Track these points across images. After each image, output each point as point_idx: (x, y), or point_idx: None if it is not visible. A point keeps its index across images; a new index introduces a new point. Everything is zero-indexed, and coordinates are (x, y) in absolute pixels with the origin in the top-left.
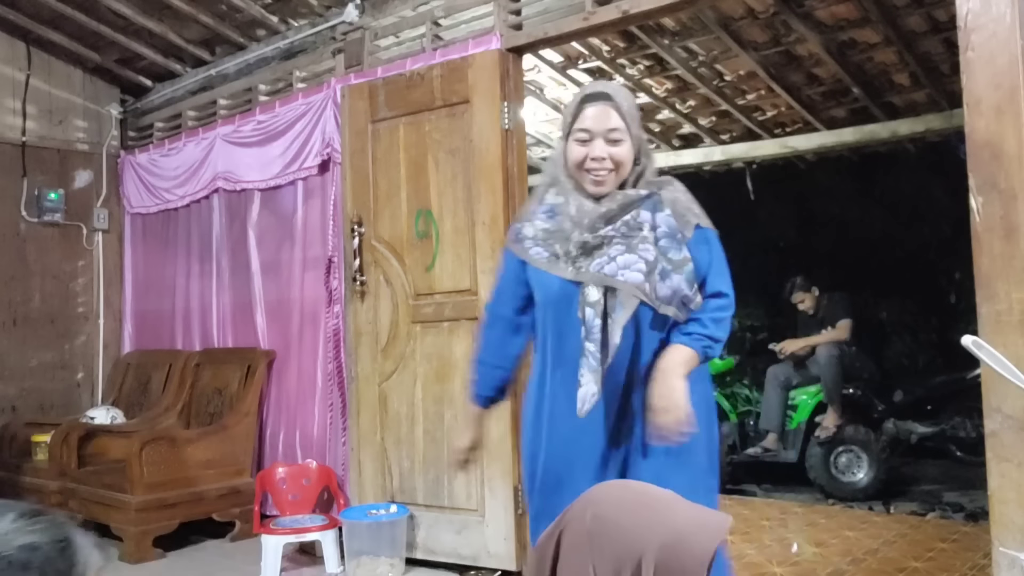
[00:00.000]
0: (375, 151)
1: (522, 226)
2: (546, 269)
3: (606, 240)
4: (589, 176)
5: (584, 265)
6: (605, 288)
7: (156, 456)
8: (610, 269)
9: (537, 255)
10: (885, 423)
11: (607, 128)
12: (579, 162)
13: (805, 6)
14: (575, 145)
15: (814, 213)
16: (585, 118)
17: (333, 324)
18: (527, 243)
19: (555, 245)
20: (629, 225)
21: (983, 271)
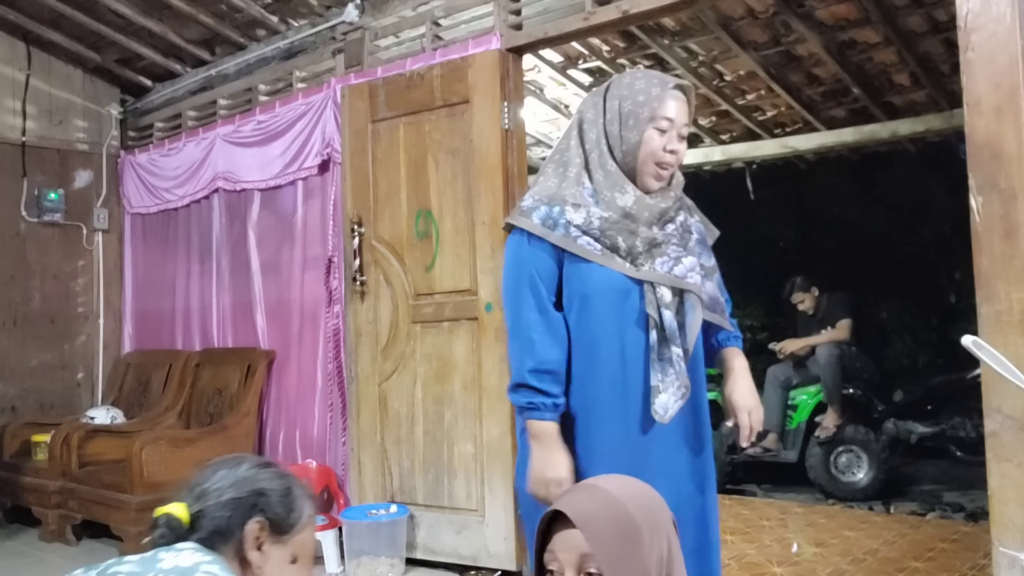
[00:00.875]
0: (375, 151)
1: (560, 209)
2: (601, 263)
3: (667, 240)
4: (657, 169)
5: (647, 264)
6: (672, 290)
7: (156, 456)
8: (679, 271)
9: (589, 246)
10: (885, 423)
11: (684, 123)
12: (654, 152)
13: (805, 6)
14: (654, 133)
15: (814, 213)
16: (670, 108)
17: (333, 324)
18: (572, 231)
19: (617, 237)
20: (683, 227)
21: (983, 271)
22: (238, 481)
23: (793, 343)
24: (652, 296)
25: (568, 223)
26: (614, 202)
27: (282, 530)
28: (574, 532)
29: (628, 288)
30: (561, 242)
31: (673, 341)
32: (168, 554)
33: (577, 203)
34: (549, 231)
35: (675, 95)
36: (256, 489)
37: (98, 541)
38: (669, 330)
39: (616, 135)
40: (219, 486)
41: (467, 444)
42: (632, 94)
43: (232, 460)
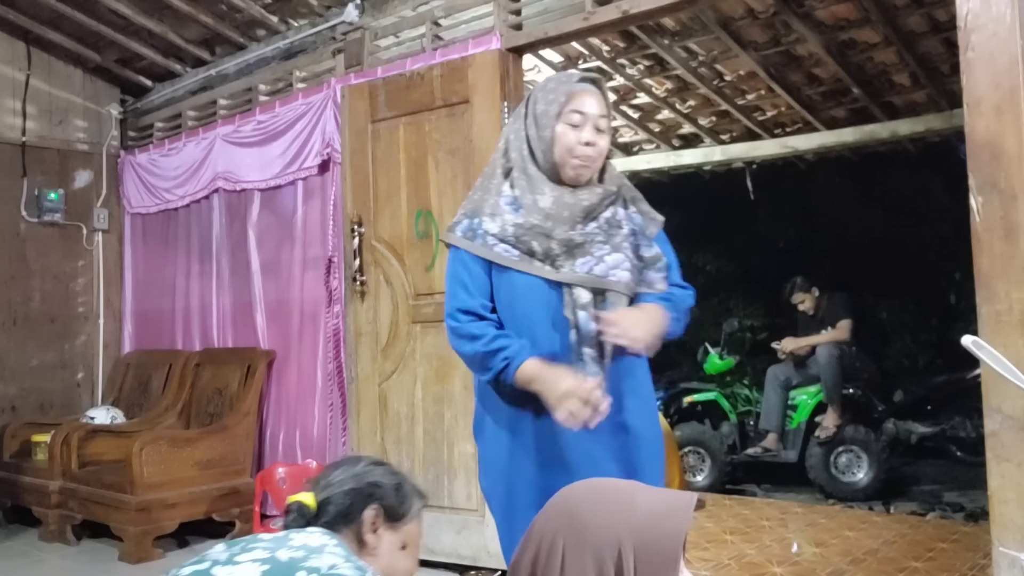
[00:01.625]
0: (375, 151)
1: (479, 220)
2: (520, 268)
3: (589, 239)
4: (575, 162)
5: (567, 265)
6: (594, 289)
7: (156, 456)
8: (600, 270)
9: (506, 252)
10: (885, 423)
11: (599, 114)
12: (570, 147)
13: (805, 6)
14: (566, 128)
15: (814, 213)
16: (579, 101)
17: (333, 324)
18: (489, 240)
19: (531, 242)
20: (610, 223)
21: (983, 271)
22: (356, 475)
23: (794, 341)
24: (569, 298)
25: (485, 232)
26: (535, 205)
27: (394, 518)
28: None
29: (548, 291)
30: (480, 251)
31: (585, 342)
32: (298, 535)
33: (493, 213)
34: (470, 242)
35: (584, 88)
36: (372, 482)
37: (98, 541)
38: (583, 331)
39: (535, 137)
40: (340, 479)
41: (467, 444)
42: (544, 95)
43: (351, 459)
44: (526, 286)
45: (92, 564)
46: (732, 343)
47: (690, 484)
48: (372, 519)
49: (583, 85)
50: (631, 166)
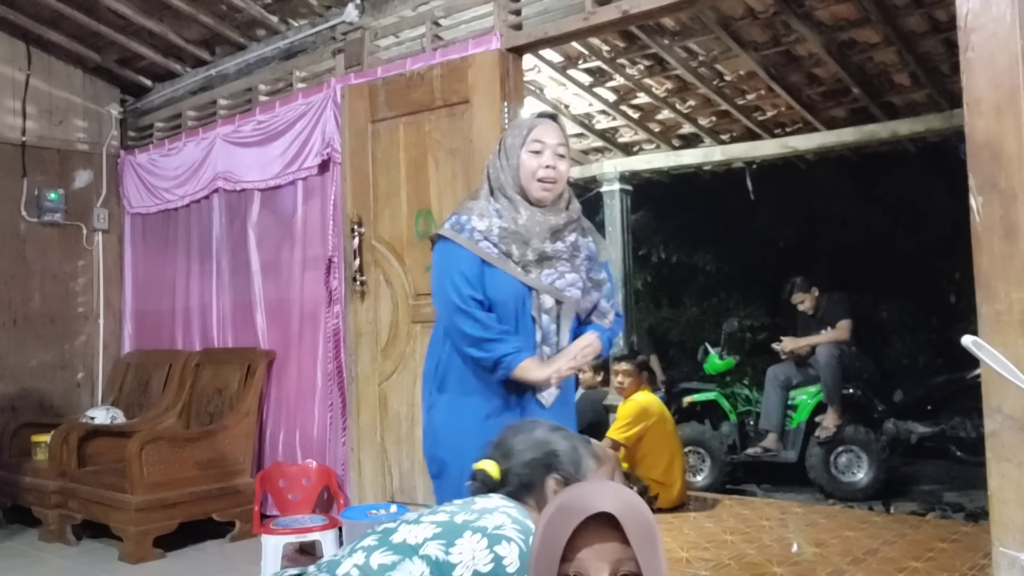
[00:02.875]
0: (375, 151)
1: (468, 218)
2: (495, 264)
3: (556, 256)
4: (539, 184)
5: (535, 272)
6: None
7: (156, 456)
8: (560, 284)
9: (488, 249)
10: (885, 423)
11: (557, 142)
12: (533, 171)
13: (805, 6)
14: (529, 156)
15: (814, 213)
16: (539, 132)
17: (333, 324)
18: (476, 235)
19: (511, 246)
20: (574, 246)
21: (983, 271)
22: (536, 443)
23: (794, 341)
24: (537, 301)
25: (473, 228)
26: (514, 221)
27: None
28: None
29: (523, 292)
30: (465, 243)
31: (547, 341)
32: (480, 500)
33: (483, 214)
34: (457, 234)
35: (543, 122)
36: (551, 451)
37: (98, 541)
38: (546, 331)
39: (506, 166)
40: (521, 448)
41: None
42: (511, 130)
43: (528, 424)
44: (507, 283)
45: (92, 564)
46: (732, 343)
47: (690, 484)
48: (554, 488)
49: (542, 120)
50: (631, 166)
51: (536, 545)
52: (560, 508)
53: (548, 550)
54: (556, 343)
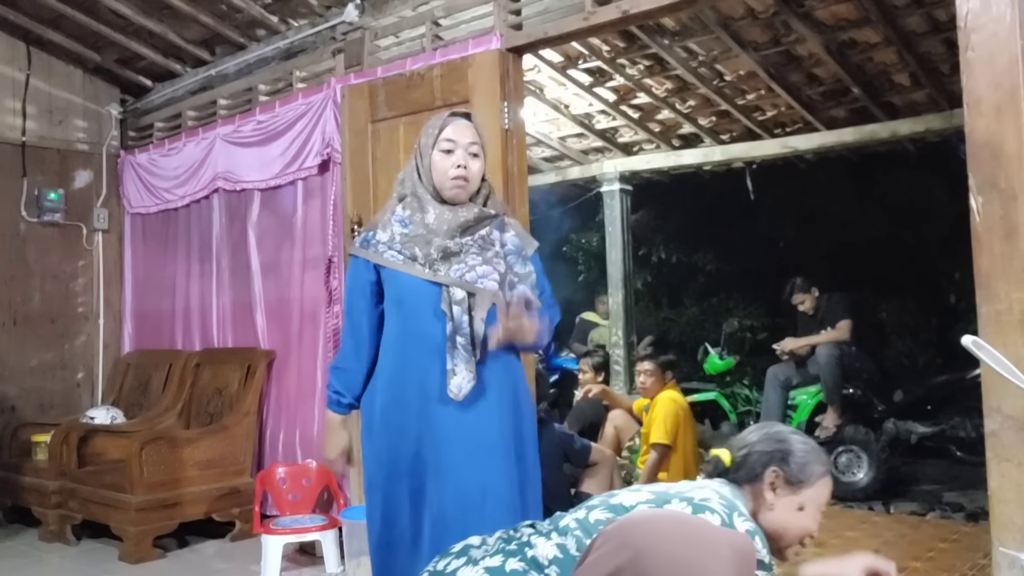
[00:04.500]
0: (375, 151)
1: (373, 233)
2: (402, 270)
3: (464, 249)
4: (451, 183)
5: (443, 269)
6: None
7: (156, 456)
8: (471, 277)
9: (392, 258)
10: (885, 423)
11: (468, 141)
12: (444, 170)
13: (805, 6)
14: (440, 155)
15: (814, 213)
16: (450, 131)
17: (333, 324)
18: (380, 247)
19: (414, 249)
20: (485, 240)
21: (983, 271)
22: (770, 436)
23: (794, 341)
24: (446, 295)
25: (377, 242)
26: (422, 220)
27: (794, 481)
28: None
29: (429, 290)
30: (372, 256)
31: (459, 332)
32: (702, 480)
33: (384, 226)
34: (364, 250)
35: (455, 121)
36: (782, 448)
37: (98, 541)
38: (457, 322)
39: (421, 166)
40: (755, 439)
41: None
42: (424, 130)
43: (768, 424)
44: (411, 284)
45: (92, 564)
46: (732, 343)
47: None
48: (771, 479)
49: (454, 119)
50: (631, 166)
51: None
52: None
53: None
54: (469, 333)
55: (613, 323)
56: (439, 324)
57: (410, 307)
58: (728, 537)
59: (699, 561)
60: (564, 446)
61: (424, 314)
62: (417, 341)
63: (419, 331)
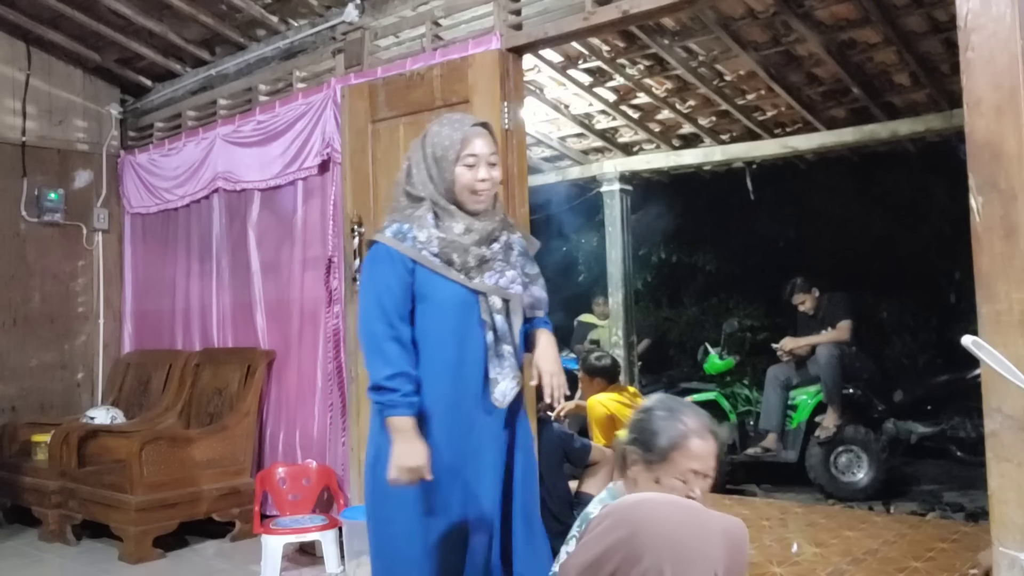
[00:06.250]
0: (375, 151)
1: (410, 227)
2: (442, 273)
3: (493, 257)
4: (475, 196)
5: (478, 277)
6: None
7: (156, 456)
8: (503, 282)
9: (431, 258)
10: (885, 423)
11: (489, 152)
12: (468, 184)
13: (805, 6)
14: (464, 169)
15: (814, 213)
16: (474, 145)
17: (333, 324)
18: (418, 245)
19: (452, 255)
20: (506, 246)
21: (983, 271)
22: (634, 417)
23: (794, 341)
24: (486, 304)
25: (415, 238)
26: (451, 230)
27: (646, 460)
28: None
29: (466, 297)
30: (409, 252)
31: (505, 340)
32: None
33: (422, 225)
34: (399, 243)
35: (475, 132)
36: (637, 428)
37: (98, 541)
38: (501, 331)
39: (438, 178)
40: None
41: None
42: (439, 141)
43: (649, 400)
44: (447, 290)
45: (92, 564)
46: (732, 343)
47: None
48: (632, 460)
49: (475, 129)
50: (631, 166)
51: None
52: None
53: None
54: (511, 340)
55: (613, 323)
56: (479, 332)
57: (450, 313)
58: (720, 521)
59: (691, 541)
60: (564, 446)
61: (464, 322)
62: (458, 348)
63: (460, 338)
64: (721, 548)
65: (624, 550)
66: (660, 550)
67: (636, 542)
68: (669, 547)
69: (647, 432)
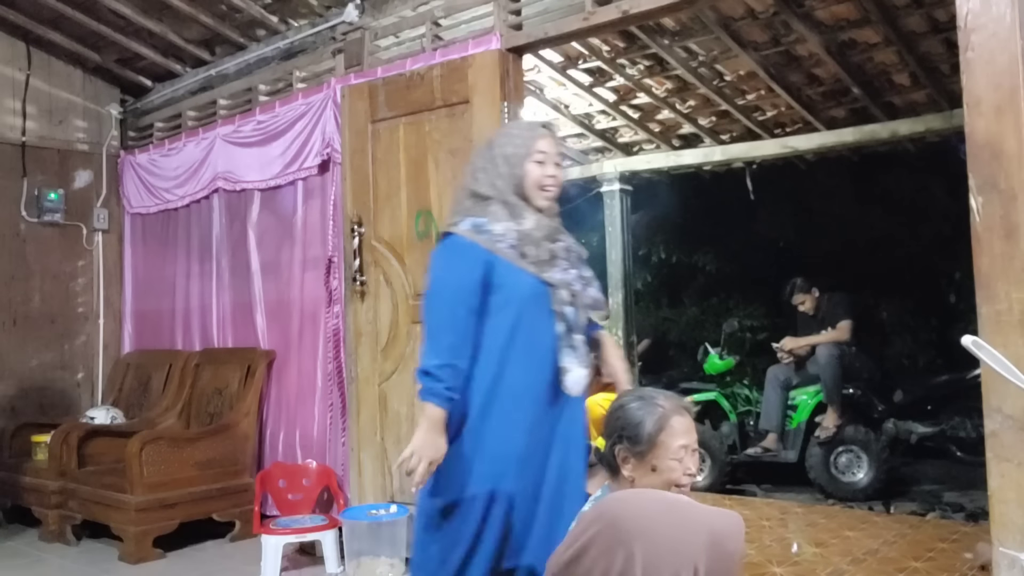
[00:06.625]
0: (375, 151)
1: (485, 220)
2: (521, 266)
3: (559, 255)
4: (543, 193)
5: (547, 271)
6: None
7: (156, 456)
8: (570, 278)
9: (507, 250)
10: (885, 423)
11: (557, 152)
12: (537, 180)
13: (805, 6)
14: (534, 166)
15: (814, 213)
16: (544, 143)
17: (333, 324)
18: (495, 237)
19: (526, 247)
20: (568, 246)
21: (983, 271)
22: (609, 418)
23: (794, 341)
24: (557, 296)
25: (491, 231)
26: (521, 226)
27: (636, 452)
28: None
29: (538, 288)
30: (487, 244)
31: (576, 331)
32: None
33: (498, 219)
34: (476, 234)
35: (544, 133)
36: (617, 425)
37: (98, 541)
38: (572, 322)
39: (507, 175)
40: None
41: None
42: (510, 140)
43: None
44: (526, 282)
45: (92, 564)
46: (732, 343)
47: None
48: (622, 457)
49: (544, 130)
50: (631, 166)
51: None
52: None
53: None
54: (581, 330)
55: (613, 323)
56: (551, 323)
57: (525, 305)
58: (709, 519)
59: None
60: None
61: (537, 314)
62: (529, 338)
63: (534, 330)
64: (703, 542)
65: (601, 543)
66: (634, 542)
67: (612, 536)
68: (644, 539)
69: (630, 425)
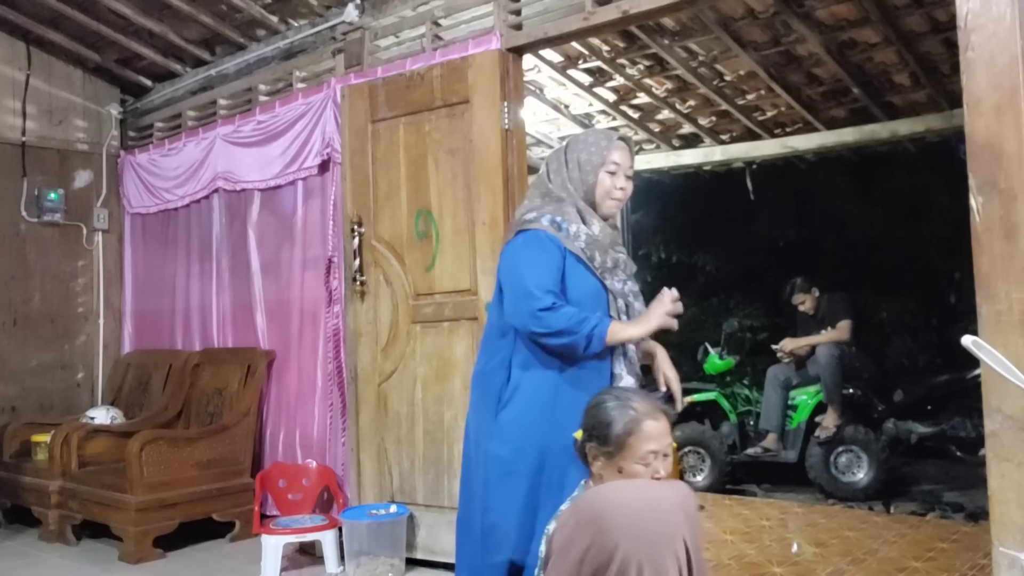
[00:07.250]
0: (375, 151)
1: (563, 219)
2: (589, 268)
3: (619, 264)
4: (612, 203)
5: (609, 279)
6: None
7: (156, 456)
8: (626, 289)
9: (581, 252)
10: (885, 423)
11: (629, 164)
12: (608, 190)
13: (805, 6)
14: (606, 176)
15: (814, 213)
16: (616, 155)
17: (333, 324)
18: (571, 236)
19: (594, 251)
20: (625, 259)
21: (983, 271)
22: (586, 413)
23: (794, 341)
24: (615, 303)
25: (568, 230)
26: (591, 230)
27: (605, 452)
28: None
29: (600, 293)
30: (565, 241)
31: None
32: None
33: (571, 220)
34: (556, 231)
35: (619, 145)
36: (591, 423)
37: (98, 541)
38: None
39: (578, 180)
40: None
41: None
42: (587, 147)
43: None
44: (589, 283)
45: (92, 564)
46: (732, 343)
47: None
48: (593, 455)
49: (619, 143)
50: None
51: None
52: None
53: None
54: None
55: None
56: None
57: (586, 306)
58: (672, 491)
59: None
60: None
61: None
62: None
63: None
64: (681, 516)
65: (594, 550)
66: (628, 539)
67: (603, 538)
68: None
69: (601, 425)
